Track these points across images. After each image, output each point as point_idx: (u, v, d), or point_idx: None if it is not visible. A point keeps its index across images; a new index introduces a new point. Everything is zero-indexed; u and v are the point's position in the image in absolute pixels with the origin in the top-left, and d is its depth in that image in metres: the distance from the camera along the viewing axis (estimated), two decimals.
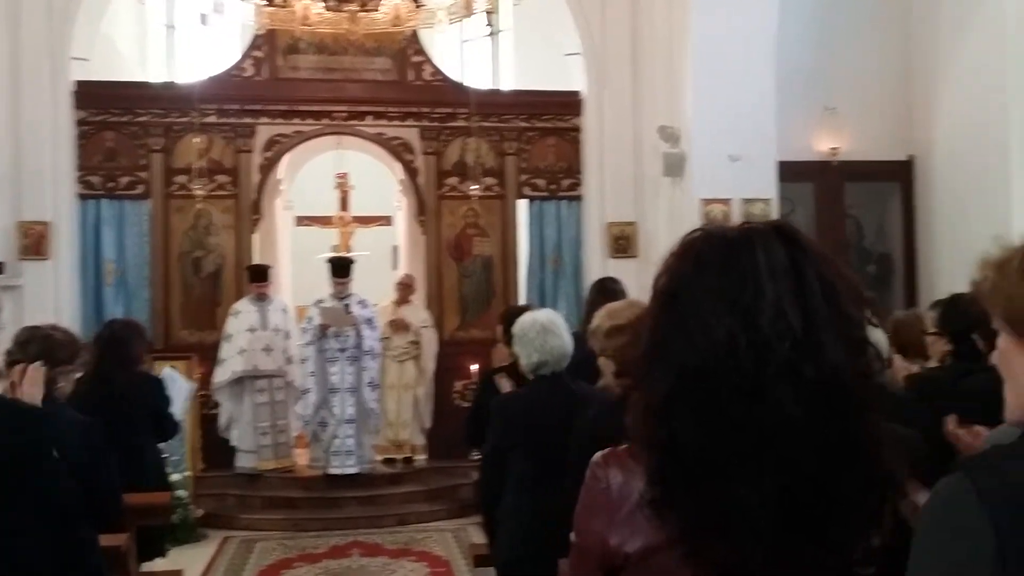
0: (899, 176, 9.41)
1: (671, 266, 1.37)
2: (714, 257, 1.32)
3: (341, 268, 8.57)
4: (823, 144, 9.31)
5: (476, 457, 8.07)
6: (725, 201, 8.05)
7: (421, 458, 9.12)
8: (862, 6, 9.29)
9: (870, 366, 1.31)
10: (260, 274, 8.65)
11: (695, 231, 1.39)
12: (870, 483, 1.27)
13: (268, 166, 9.27)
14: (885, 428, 1.30)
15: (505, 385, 4.42)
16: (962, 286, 4.60)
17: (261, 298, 8.59)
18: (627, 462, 1.39)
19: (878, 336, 1.41)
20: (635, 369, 1.39)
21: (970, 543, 1.06)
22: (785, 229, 1.34)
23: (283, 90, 9.15)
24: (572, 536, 1.49)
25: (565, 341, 3.65)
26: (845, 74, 9.14)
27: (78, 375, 3.94)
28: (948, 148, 8.88)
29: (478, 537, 7.28)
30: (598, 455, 1.46)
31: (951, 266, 8.25)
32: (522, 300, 9.28)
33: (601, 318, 3.01)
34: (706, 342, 1.26)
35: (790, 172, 8.45)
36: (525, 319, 3.71)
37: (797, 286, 1.27)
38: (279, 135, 9.25)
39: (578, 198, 9.61)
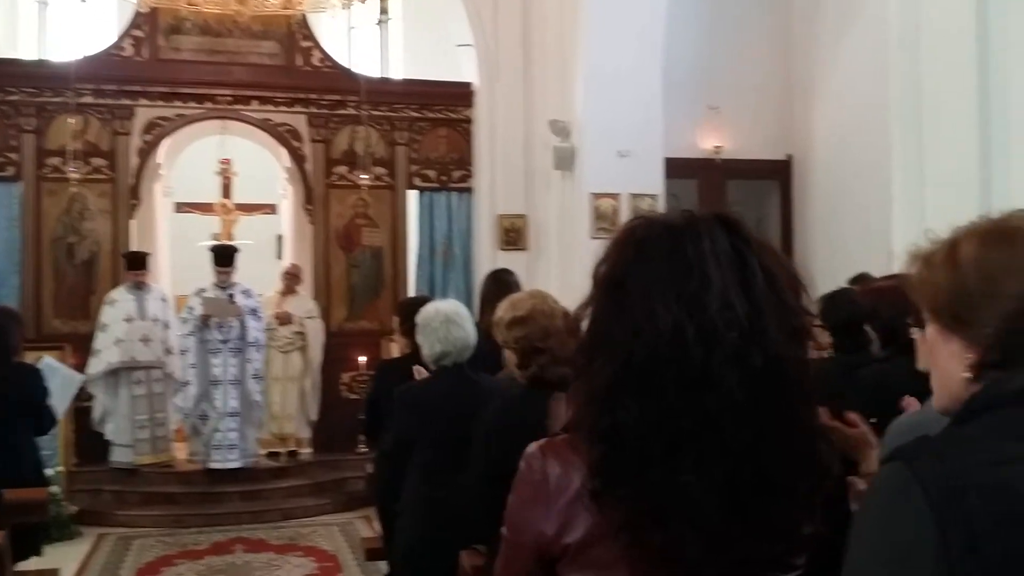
0: (778, 175, 9.75)
1: (612, 254, 1.36)
2: (659, 245, 1.32)
3: (224, 257, 8.32)
4: (707, 142, 9.57)
5: (364, 450, 8.06)
6: (614, 195, 8.17)
7: (306, 451, 8.96)
8: (747, 8, 9.58)
9: (807, 355, 1.34)
10: (138, 261, 8.32)
11: (635, 219, 1.39)
12: (808, 471, 1.30)
13: (147, 150, 8.93)
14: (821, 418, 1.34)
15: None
16: (837, 281, 4.80)
17: (139, 286, 8.27)
18: (565, 453, 1.38)
19: None
20: (577, 359, 1.37)
21: (911, 533, 1.06)
22: (728, 219, 1.35)
23: (164, 71, 8.83)
24: (504, 531, 1.46)
25: (468, 332, 3.63)
26: (729, 74, 9.41)
27: None
28: (825, 149, 9.26)
29: (366, 531, 7.23)
30: (534, 446, 1.44)
31: (826, 262, 8.58)
32: (412, 291, 9.23)
33: (503, 309, 3.01)
34: (653, 331, 1.26)
35: (676, 168, 8.63)
36: (429, 309, 3.68)
37: (742, 275, 1.29)
38: (159, 118, 8.93)
39: (469, 190, 9.60)
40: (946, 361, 1.23)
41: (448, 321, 3.58)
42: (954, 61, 4.15)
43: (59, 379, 5.37)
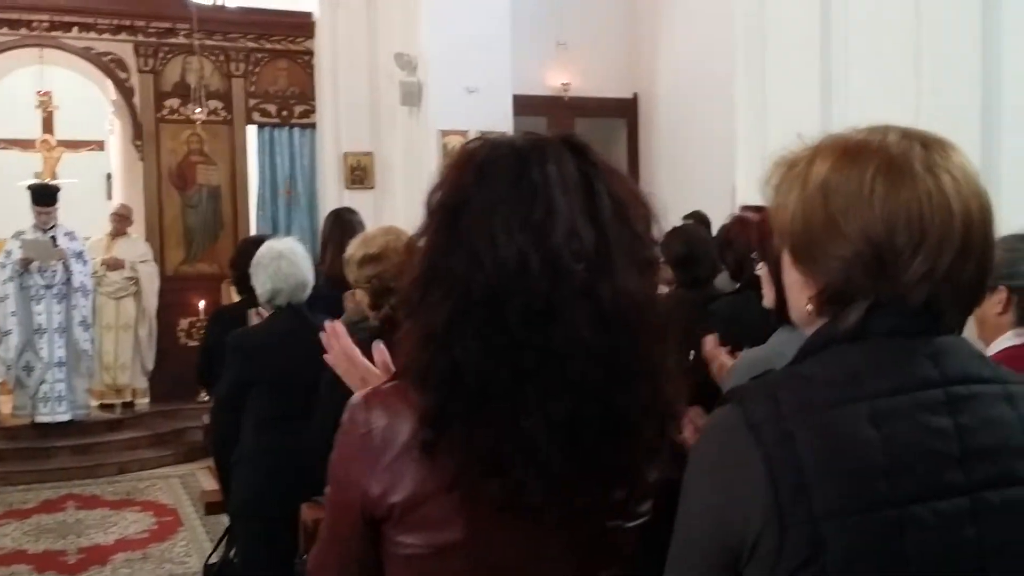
0: (625, 113, 9.79)
1: (449, 178, 1.23)
2: (502, 169, 1.20)
3: (44, 196, 7.74)
4: (555, 79, 9.50)
5: (205, 399, 7.73)
6: (463, 133, 7.97)
7: (143, 402, 8.56)
8: None
9: (657, 289, 1.25)
10: None
11: (475, 140, 1.26)
12: (653, 412, 1.21)
13: None
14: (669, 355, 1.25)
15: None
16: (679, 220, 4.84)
17: None
18: (392, 402, 1.24)
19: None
20: (408, 295, 1.24)
21: (741, 477, 1.02)
22: (574, 142, 1.24)
23: None
24: (327, 490, 1.32)
25: (302, 269, 3.44)
26: (577, 10, 9.33)
27: None
28: (669, 87, 9.35)
29: (209, 483, 6.95)
30: (357, 395, 1.29)
31: (671, 200, 8.65)
32: (253, 232, 8.86)
33: (355, 246, 2.85)
34: (494, 260, 1.15)
35: (524, 106, 8.53)
36: (262, 248, 3.48)
37: (589, 203, 1.19)
38: None
39: (312, 126, 9.24)
40: (792, 289, 1.17)
41: (280, 257, 3.38)
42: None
43: None
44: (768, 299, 2.16)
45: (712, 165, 8.38)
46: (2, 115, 10.38)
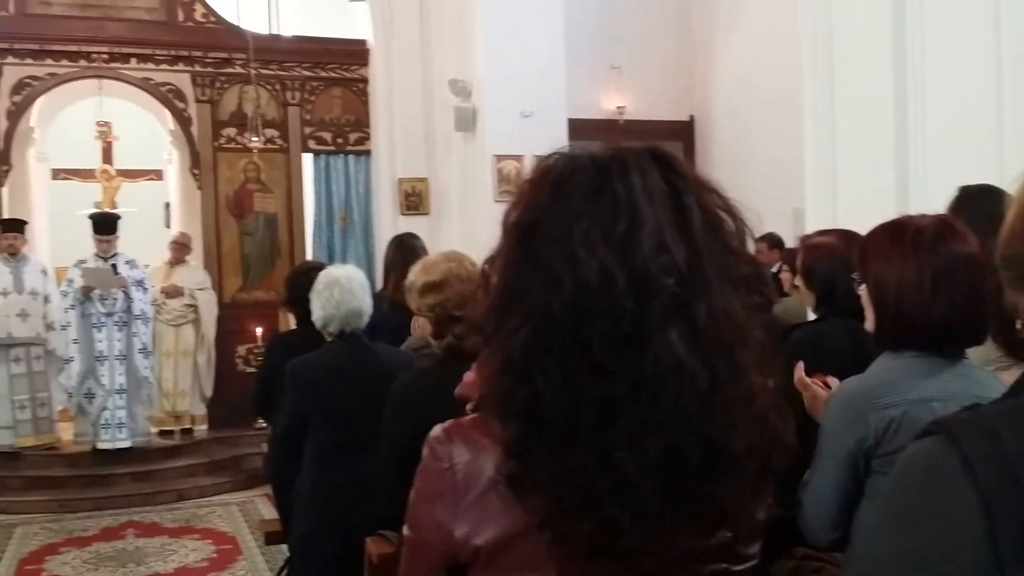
0: (681, 135, 9.68)
1: (525, 195, 1.14)
2: (580, 182, 1.11)
3: (105, 225, 7.84)
4: (610, 103, 9.44)
5: (263, 425, 7.73)
6: (518, 157, 7.95)
7: (202, 428, 8.58)
8: None
9: (762, 309, 1.14)
10: (11, 225, 7.79)
11: (553, 154, 1.16)
12: (759, 445, 1.11)
13: (17, 112, 8.35)
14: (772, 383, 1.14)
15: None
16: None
17: (15, 257, 7.74)
18: (474, 436, 1.16)
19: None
20: (484, 321, 1.15)
21: (949, 522, 0.85)
22: (659, 152, 1.14)
23: (33, 26, 8.22)
24: (406, 529, 1.24)
25: (359, 297, 3.38)
26: (630, 33, 9.29)
27: None
28: (726, 108, 9.23)
29: (267, 511, 6.92)
30: (438, 429, 1.21)
31: None
32: (309, 259, 8.88)
33: (416, 273, 2.76)
34: (575, 280, 1.05)
35: (579, 130, 8.45)
36: (320, 275, 3.42)
37: (678, 215, 1.09)
38: (29, 77, 8.33)
39: (367, 153, 9.26)
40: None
41: (334, 284, 3.33)
42: (868, 10, 4.04)
43: None
44: (870, 323, 2.04)
45: (772, 188, 8.22)
46: (63, 146, 10.61)
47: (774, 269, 6.64)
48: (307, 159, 9.23)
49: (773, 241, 7.01)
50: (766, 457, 1.12)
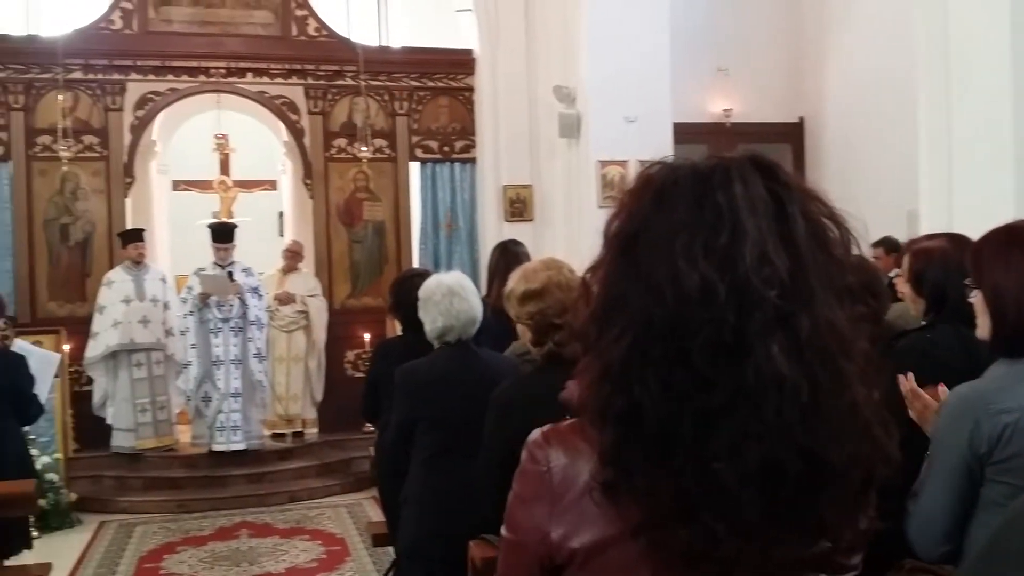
0: (790, 137, 9.48)
1: (626, 205, 1.15)
2: (682, 192, 1.10)
3: (222, 233, 8.13)
4: (716, 106, 9.32)
5: (371, 429, 7.87)
6: (622, 163, 7.91)
7: (312, 432, 8.79)
8: None
9: (866, 320, 1.11)
10: (134, 235, 8.14)
11: (655, 163, 1.17)
12: (862, 456, 1.09)
13: (140, 126, 8.71)
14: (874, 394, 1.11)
15: None
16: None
17: (137, 266, 8.08)
18: (572, 440, 1.18)
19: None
20: (585, 332, 1.16)
21: None
22: (762, 161, 1.13)
23: (155, 44, 8.58)
24: (503, 530, 1.26)
25: (473, 305, 3.38)
26: (737, 34, 9.15)
27: None
28: (838, 109, 8.99)
29: (375, 513, 7.04)
30: (536, 433, 1.23)
31: None
32: (416, 265, 9.01)
33: (515, 281, 2.76)
34: (676, 291, 1.05)
35: (685, 134, 8.37)
36: (431, 282, 3.44)
37: (781, 225, 1.08)
38: (152, 93, 8.69)
39: (472, 160, 9.36)
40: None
41: (452, 294, 3.33)
42: (985, 6, 3.88)
43: (35, 362, 5.10)
44: (983, 329, 1.96)
45: (886, 190, 7.99)
46: (182, 158, 11.02)
47: (892, 274, 6.43)
48: (414, 167, 9.37)
49: (890, 245, 6.78)
50: (869, 468, 1.10)
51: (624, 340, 1.08)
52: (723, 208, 1.07)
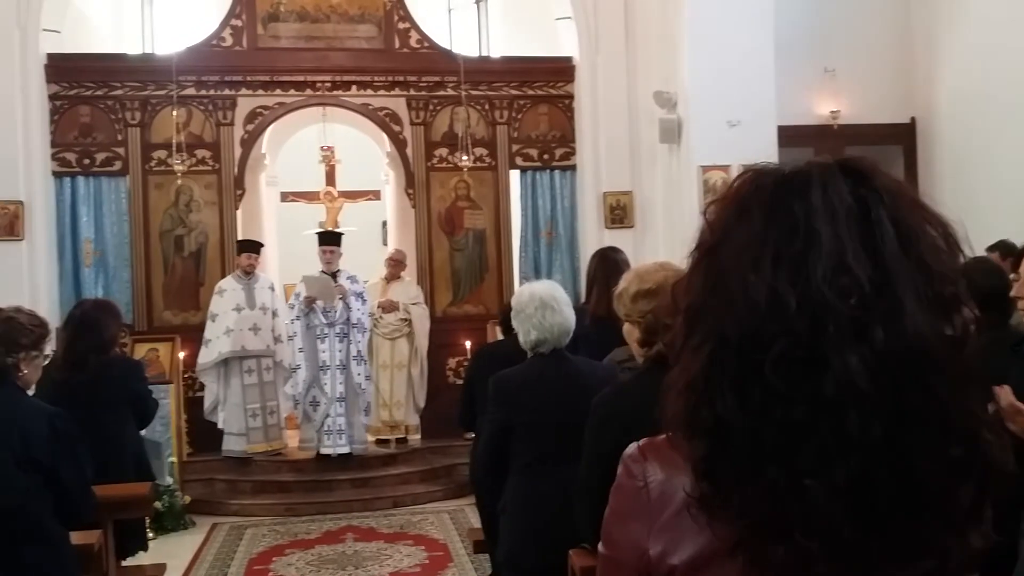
0: (901, 139, 9.17)
1: (713, 215, 1.13)
2: (760, 200, 1.08)
3: (329, 236, 8.36)
4: (823, 107, 9.09)
5: (472, 436, 7.92)
6: (724, 167, 7.78)
7: (415, 438, 8.89)
8: None
9: (963, 331, 1.06)
10: (252, 245, 8.41)
11: (746, 171, 1.13)
12: (965, 470, 1.03)
13: (250, 140, 8.97)
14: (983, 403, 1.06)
15: None
16: (974, 250, 4.41)
17: (248, 276, 8.34)
18: (669, 454, 1.14)
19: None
20: (672, 340, 1.15)
21: None
22: (853, 165, 1.09)
23: (264, 60, 8.83)
24: (600, 547, 1.24)
25: (566, 316, 3.38)
26: (845, 33, 8.91)
27: (46, 361, 3.65)
28: (952, 109, 8.66)
29: (476, 519, 7.06)
30: (633, 447, 1.21)
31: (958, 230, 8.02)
32: (516, 274, 9.07)
33: (629, 280, 2.78)
34: (746, 304, 1.02)
35: (790, 136, 8.17)
36: (523, 293, 3.45)
37: (865, 232, 1.03)
38: (260, 107, 8.95)
39: (572, 167, 9.34)
40: None
41: (544, 306, 3.33)
42: None
43: None
44: None
45: (1004, 191, 7.67)
46: (290, 170, 11.33)
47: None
48: (514, 175, 9.40)
49: (1006, 249, 6.50)
50: (980, 483, 1.05)
51: (703, 352, 1.07)
52: (798, 216, 1.04)
